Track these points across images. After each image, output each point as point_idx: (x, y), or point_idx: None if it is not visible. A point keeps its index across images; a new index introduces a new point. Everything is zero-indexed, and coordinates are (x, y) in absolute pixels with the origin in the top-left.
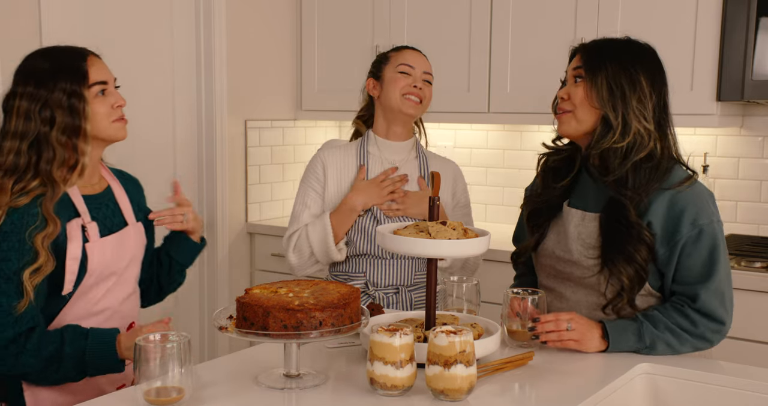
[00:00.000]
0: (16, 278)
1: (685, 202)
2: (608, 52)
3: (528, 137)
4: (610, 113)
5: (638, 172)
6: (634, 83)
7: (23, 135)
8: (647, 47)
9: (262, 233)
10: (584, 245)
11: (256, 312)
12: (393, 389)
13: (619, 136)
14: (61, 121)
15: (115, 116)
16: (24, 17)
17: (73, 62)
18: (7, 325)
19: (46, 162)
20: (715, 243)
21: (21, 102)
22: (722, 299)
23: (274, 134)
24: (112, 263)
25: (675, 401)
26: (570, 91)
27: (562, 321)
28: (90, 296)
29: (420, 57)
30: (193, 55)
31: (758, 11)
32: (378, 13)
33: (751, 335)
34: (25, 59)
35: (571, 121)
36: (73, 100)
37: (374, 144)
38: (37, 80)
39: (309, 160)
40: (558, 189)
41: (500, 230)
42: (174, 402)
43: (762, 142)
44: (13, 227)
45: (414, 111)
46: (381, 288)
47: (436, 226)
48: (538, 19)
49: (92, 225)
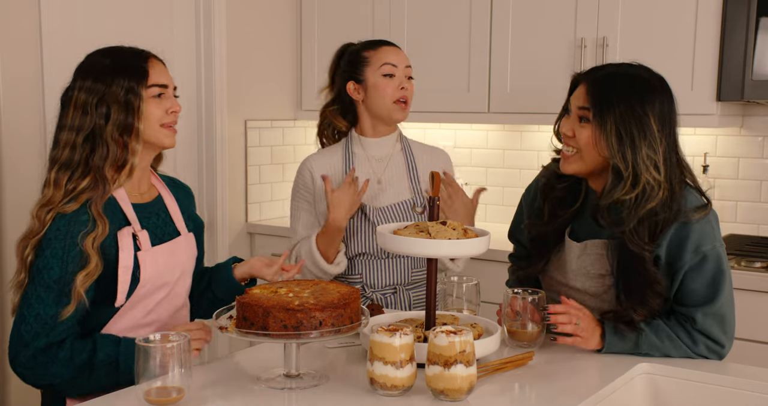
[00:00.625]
0: (56, 286)
1: (689, 230)
2: (616, 91)
3: (528, 137)
4: (620, 164)
5: (654, 224)
6: (644, 128)
7: (79, 128)
8: (655, 80)
9: (262, 233)
10: (588, 275)
11: (256, 312)
12: (393, 389)
13: (630, 187)
14: (116, 118)
15: (166, 121)
16: (24, 17)
17: (135, 61)
18: (41, 334)
19: (99, 158)
20: (719, 267)
21: (79, 94)
22: (722, 323)
23: (274, 134)
24: (165, 273)
25: (675, 401)
26: (576, 131)
27: (573, 316)
28: (141, 307)
29: (399, 52)
30: (193, 55)
31: (758, 11)
32: (378, 12)
33: (751, 335)
34: (87, 57)
35: (577, 161)
36: (130, 97)
37: (358, 144)
38: (96, 75)
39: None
40: (562, 219)
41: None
42: (174, 402)
43: (762, 142)
44: (58, 233)
45: (403, 115)
46: (379, 289)
47: (436, 226)
48: (538, 18)
49: (143, 234)
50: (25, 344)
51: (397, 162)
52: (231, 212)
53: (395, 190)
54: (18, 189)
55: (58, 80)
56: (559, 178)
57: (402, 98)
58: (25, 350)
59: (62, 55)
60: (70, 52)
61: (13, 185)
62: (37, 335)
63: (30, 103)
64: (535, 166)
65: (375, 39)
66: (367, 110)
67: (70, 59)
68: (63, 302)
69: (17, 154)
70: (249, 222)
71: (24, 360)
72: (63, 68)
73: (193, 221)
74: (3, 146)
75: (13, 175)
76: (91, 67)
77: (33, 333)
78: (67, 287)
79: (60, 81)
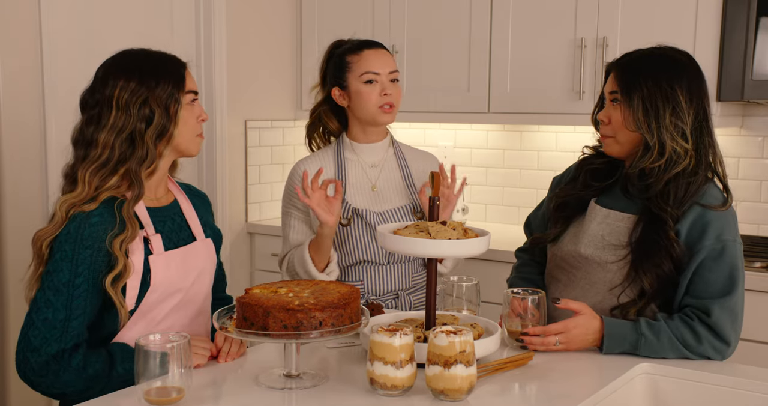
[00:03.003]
0: (65, 290)
1: (713, 216)
2: (643, 71)
3: (528, 137)
4: (646, 135)
5: (678, 187)
6: (670, 100)
7: (121, 130)
8: (683, 57)
9: (262, 233)
10: (601, 244)
11: (256, 312)
12: (393, 389)
13: (657, 156)
14: (158, 121)
15: (199, 130)
16: (24, 17)
17: (174, 66)
18: (51, 339)
19: (137, 161)
20: (736, 263)
21: (121, 94)
22: (734, 320)
23: (274, 134)
24: (177, 279)
25: (675, 401)
26: (610, 115)
27: (550, 340)
28: (153, 314)
29: (381, 56)
30: (193, 55)
31: (758, 11)
32: (378, 12)
33: (751, 335)
34: (123, 55)
35: (613, 145)
36: (170, 102)
37: (350, 149)
38: (141, 76)
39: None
40: (593, 187)
41: (500, 230)
42: (174, 402)
43: (762, 142)
44: (68, 236)
45: (389, 118)
46: (380, 296)
47: (436, 226)
48: (538, 18)
49: (156, 238)
50: (34, 350)
51: (390, 167)
52: (231, 212)
53: (391, 195)
54: (18, 189)
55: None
56: (598, 156)
57: (386, 104)
58: (35, 356)
59: (62, 55)
60: (70, 51)
61: (13, 185)
62: (46, 340)
63: (30, 103)
64: (535, 167)
65: (362, 39)
66: (353, 115)
67: (70, 58)
68: (75, 305)
69: (17, 153)
70: (249, 222)
71: (36, 366)
72: (63, 67)
73: (211, 230)
74: (3, 146)
75: (13, 175)
76: (132, 68)
77: (42, 338)
78: (75, 291)
79: (60, 79)
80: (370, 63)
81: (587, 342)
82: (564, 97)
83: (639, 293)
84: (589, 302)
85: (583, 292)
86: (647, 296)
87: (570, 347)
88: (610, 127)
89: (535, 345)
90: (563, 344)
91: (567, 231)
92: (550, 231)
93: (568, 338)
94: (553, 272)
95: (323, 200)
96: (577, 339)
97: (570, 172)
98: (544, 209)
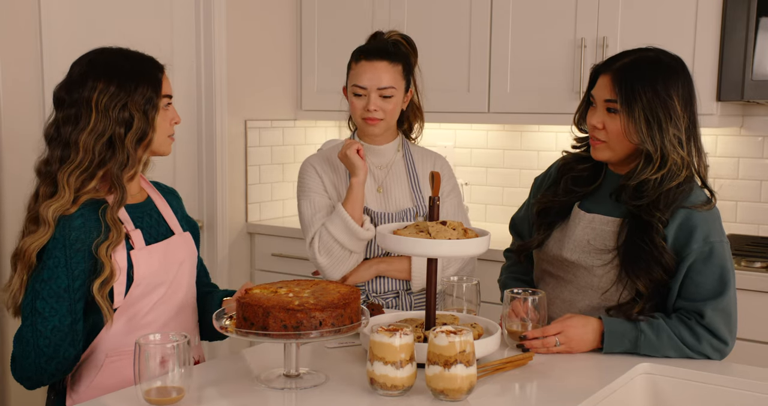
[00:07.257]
0: (66, 295)
1: (698, 219)
2: (640, 80)
3: (528, 137)
4: (649, 147)
5: (669, 194)
6: (669, 110)
7: (101, 134)
8: (674, 62)
9: (262, 233)
10: (586, 248)
11: (256, 312)
12: (393, 389)
13: (658, 168)
14: (137, 126)
15: (171, 132)
16: (24, 17)
17: (151, 69)
18: (65, 345)
19: (118, 166)
20: (725, 263)
21: (100, 97)
22: (728, 320)
23: (274, 134)
24: (160, 272)
25: (675, 401)
26: (605, 122)
27: (550, 340)
28: (137, 309)
29: (375, 70)
30: (193, 55)
31: (758, 11)
32: (378, 13)
33: (751, 335)
34: (100, 54)
35: (605, 150)
36: (148, 107)
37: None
38: (120, 79)
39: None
40: (576, 193)
41: (500, 230)
42: (174, 402)
43: (762, 142)
44: (56, 242)
45: (376, 130)
46: (381, 294)
47: (436, 226)
48: (538, 18)
49: (137, 233)
50: (50, 358)
51: (397, 170)
52: (231, 212)
53: (396, 197)
54: (18, 189)
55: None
56: (579, 161)
57: (367, 118)
58: (54, 363)
59: (62, 55)
60: (70, 51)
61: (13, 185)
62: (59, 346)
63: (30, 103)
64: (535, 167)
65: (371, 45)
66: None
67: (70, 59)
68: (77, 308)
69: (17, 153)
70: (249, 222)
71: (55, 371)
72: (63, 68)
73: (187, 222)
74: (3, 146)
75: (13, 175)
76: (110, 70)
77: (54, 346)
78: (76, 295)
79: (60, 79)
80: (360, 76)
81: (588, 342)
82: (564, 97)
83: (635, 294)
84: (580, 304)
85: (571, 295)
86: (645, 298)
87: (572, 348)
88: (605, 134)
89: (536, 348)
90: (563, 344)
91: (551, 236)
92: (534, 238)
93: (567, 338)
94: (541, 276)
95: (349, 156)
96: (577, 338)
97: (551, 175)
98: (526, 211)
